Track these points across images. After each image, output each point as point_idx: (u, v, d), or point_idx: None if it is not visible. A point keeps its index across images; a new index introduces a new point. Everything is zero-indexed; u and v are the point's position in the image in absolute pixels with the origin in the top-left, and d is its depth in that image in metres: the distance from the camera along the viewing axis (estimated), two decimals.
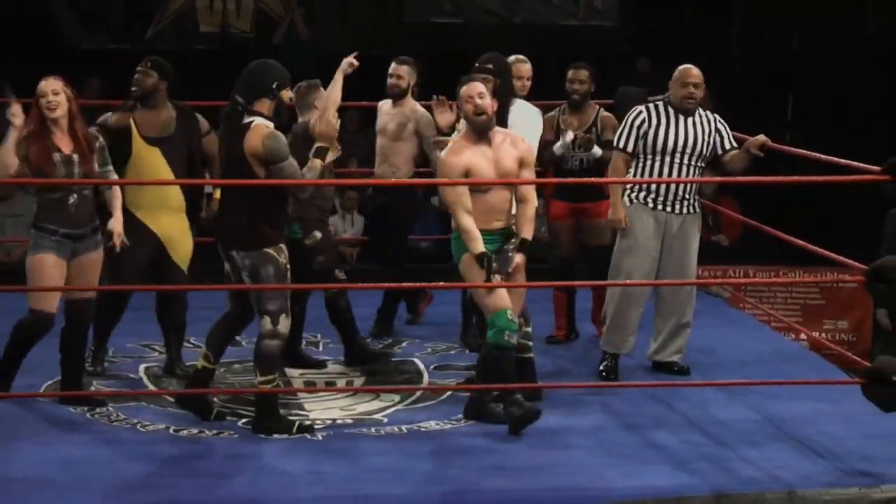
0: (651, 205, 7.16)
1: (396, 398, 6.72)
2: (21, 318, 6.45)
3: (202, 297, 7.16)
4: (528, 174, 6.36)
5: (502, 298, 6.22)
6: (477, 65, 6.77)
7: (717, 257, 11.27)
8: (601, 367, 7.20)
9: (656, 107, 7.16)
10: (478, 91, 6.28)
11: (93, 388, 6.77)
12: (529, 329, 6.59)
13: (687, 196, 7.17)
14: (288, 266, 6.15)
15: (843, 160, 6.21)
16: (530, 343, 6.60)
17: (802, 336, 9.70)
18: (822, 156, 6.37)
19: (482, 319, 6.42)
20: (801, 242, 6.94)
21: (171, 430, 6.25)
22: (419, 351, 7.54)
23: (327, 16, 12.97)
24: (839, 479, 5.73)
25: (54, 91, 6.32)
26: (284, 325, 6.16)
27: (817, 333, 10.66)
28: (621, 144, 7.15)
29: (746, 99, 13.10)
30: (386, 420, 6.44)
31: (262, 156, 6.00)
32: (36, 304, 6.38)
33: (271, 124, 6.09)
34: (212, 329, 6.37)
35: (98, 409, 6.46)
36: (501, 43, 13.00)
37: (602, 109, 7.78)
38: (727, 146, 7.14)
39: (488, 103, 6.29)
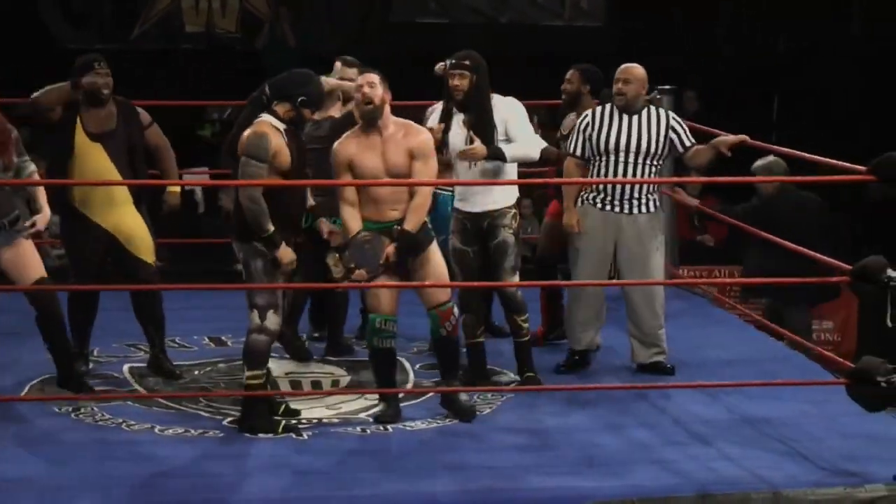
0: (599, 205, 7.19)
1: (401, 397, 6.71)
2: None
3: (192, 296, 7.16)
4: (422, 165, 6.27)
5: (376, 299, 6.34)
6: (453, 60, 6.74)
7: (702, 257, 11.29)
8: (560, 363, 7.27)
9: (603, 108, 7.22)
10: (368, 80, 6.28)
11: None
12: (524, 317, 6.88)
13: (637, 196, 7.16)
14: (279, 262, 6.13)
15: (828, 160, 6.22)
16: (525, 326, 6.89)
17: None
18: (808, 155, 6.38)
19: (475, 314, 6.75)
20: (785, 243, 6.95)
21: (156, 430, 6.24)
22: (405, 350, 7.54)
23: (313, 15, 12.96)
24: (824, 478, 5.73)
25: None
26: (272, 320, 6.15)
27: None
28: (570, 148, 7.23)
29: (731, 98, 13.12)
30: (372, 420, 6.43)
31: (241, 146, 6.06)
32: None
33: (280, 125, 6.12)
34: None
35: (83, 409, 6.45)
36: (488, 43, 13.12)
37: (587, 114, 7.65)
38: (687, 143, 7.16)
39: (378, 94, 6.26)
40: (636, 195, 7.16)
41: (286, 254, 6.11)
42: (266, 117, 6.15)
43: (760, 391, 6.80)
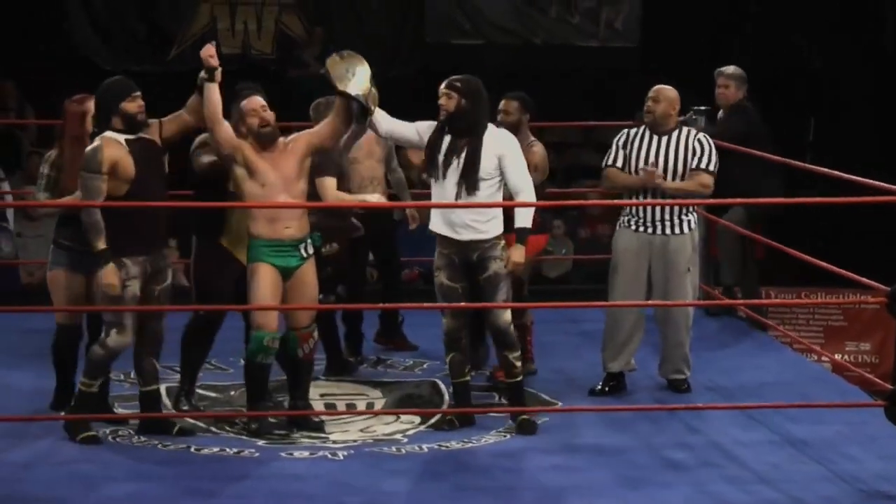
0: (633, 227, 7.19)
1: (417, 420, 6.71)
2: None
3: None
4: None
5: (263, 317, 6.41)
6: (447, 81, 6.56)
7: None
8: (595, 386, 7.24)
9: (637, 129, 7.22)
10: (260, 104, 6.43)
11: (118, 411, 6.76)
12: (517, 354, 6.55)
13: (669, 217, 7.14)
14: (129, 283, 6.15)
15: (865, 180, 6.19)
16: (518, 365, 6.57)
17: (824, 358, 9.66)
18: (845, 175, 6.35)
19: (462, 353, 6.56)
20: (823, 264, 6.92)
21: (191, 450, 6.25)
22: (440, 371, 7.52)
23: (347, 36, 13.00)
24: (862, 500, 5.71)
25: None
26: (114, 338, 6.20)
27: (839, 355, 10.62)
28: (610, 161, 7.20)
29: (767, 117, 13.07)
30: (406, 440, 6.43)
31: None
32: (58, 318, 6.69)
33: (120, 137, 6.19)
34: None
35: (120, 431, 6.46)
36: (522, 64, 13.13)
37: (533, 141, 7.36)
38: (692, 165, 7.10)
39: (272, 115, 6.42)
40: (667, 217, 7.14)
41: (107, 274, 6.12)
42: (106, 133, 6.23)
43: (798, 413, 6.76)
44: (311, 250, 6.46)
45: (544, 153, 7.36)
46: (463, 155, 6.42)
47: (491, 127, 6.55)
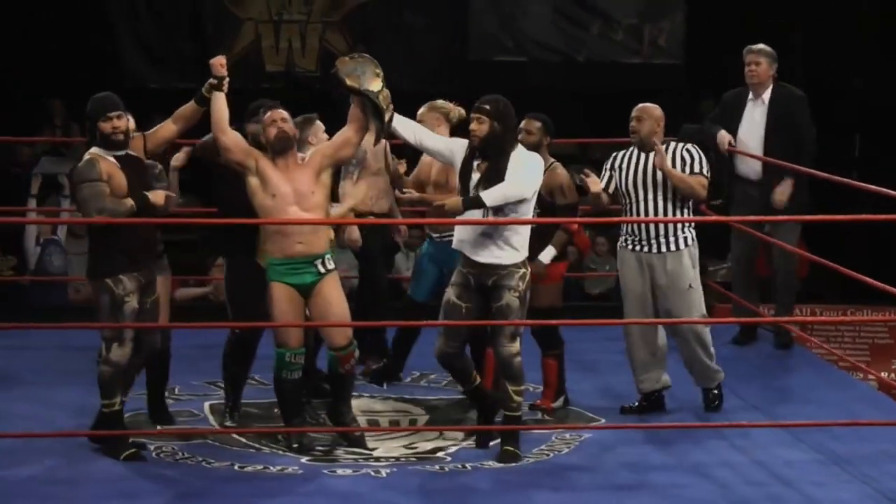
0: (631, 246, 7.17)
1: (460, 436, 6.71)
2: None
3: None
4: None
5: (285, 334, 6.44)
6: (476, 104, 6.49)
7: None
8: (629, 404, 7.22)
9: (626, 150, 7.18)
10: (281, 116, 6.45)
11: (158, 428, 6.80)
12: (519, 388, 6.43)
13: (664, 234, 7.08)
14: (128, 299, 6.16)
15: None
16: (518, 400, 6.44)
17: (870, 376, 9.60)
18: (892, 192, 6.32)
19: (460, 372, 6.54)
20: (869, 280, 6.87)
21: (235, 467, 6.27)
22: None
23: (391, 54, 13.03)
24: None
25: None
26: (116, 353, 6.20)
27: (886, 374, 10.54)
28: (603, 184, 7.17)
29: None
30: (450, 458, 6.43)
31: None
32: None
33: (107, 154, 6.21)
34: None
35: (164, 447, 6.49)
36: (565, 81, 13.12)
37: (554, 165, 7.20)
38: (687, 171, 7.04)
39: (291, 127, 6.45)
40: (662, 233, 7.08)
41: (156, 195, 6.23)
42: (93, 149, 6.25)
43: (843, 431, 6.72)
44: (329, 265, 6.44)
45: (567, 175, 7.29)
46: (487, 176, 6.35)
47: (520, 148, 6.48)
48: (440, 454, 6.49)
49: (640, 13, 13.36)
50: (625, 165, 7.14)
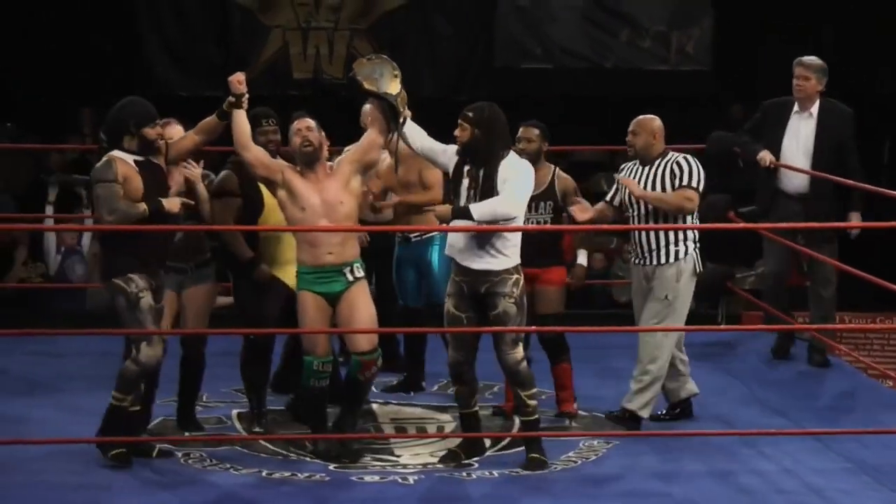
0: (634, 259, 7.11)
1: (487, 443, 6.70)
2: None
3: None
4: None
5: (312, 342, 6.43)
6: (463, 111, 6.43)
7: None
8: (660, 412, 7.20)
9: (631, 163, 7.12)
10: (306, 125, 6.44)
11: (186, 435, 6.82)
12: (530, 392, 6.40)
13: (655, 247, 6.97)
14: (142, 294, 6.17)
15: None
16: (532, 404, 6.40)
17: None
18: None
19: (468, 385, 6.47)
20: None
21: (263, 474, 6.28)
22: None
23: (417, 61, 13.05)
24: None
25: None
26: (145, 352, 6.20)
27: None
28: (607, 197, 7.17)
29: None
30: (476, 464, 6.42)
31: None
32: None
33: (128, 157, 6.20)
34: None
35: (192, 454, 6.51)
36: (592, 88, 13.11)
37: (558, 169, 7.25)
38: (675, 186, 6.92)
39: (316, 136, 6.42)
40: (654, 246, 6.98)
41: (171, 202, 6.21)
42: (114, 152, 6.24)
43: (871, 439, 6.69)
44: (358, 273, 6.43)
45: (571, 182, 7.23)
46: (479, 184, 6.33)
47: (511, 155, 6.41)
48: (467, 461, 6.48)
49: (668, 20, 13.35)
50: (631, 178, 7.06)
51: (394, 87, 6.38)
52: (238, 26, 13.02)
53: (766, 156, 8.25)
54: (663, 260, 6.98)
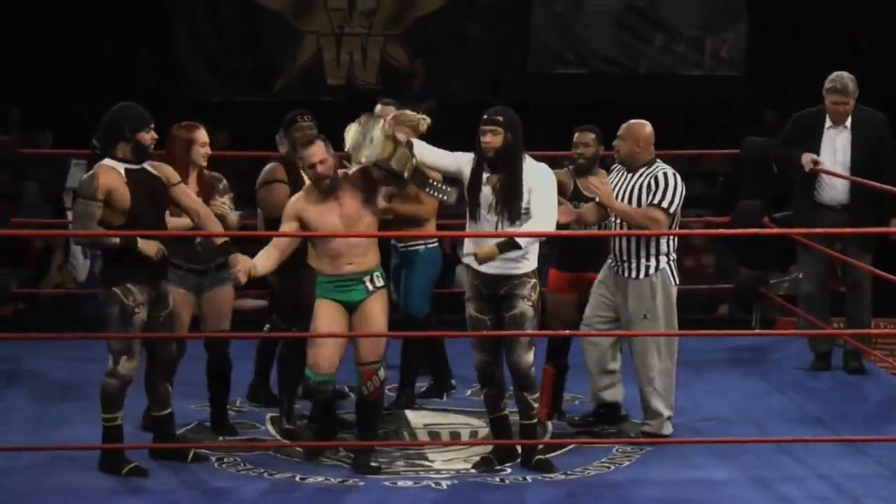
0: (613, 268, 6.88)
1: (520, 449, 6.69)
2: None
3: None
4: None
5: (314, 357, 6.38)
6: (485, 116, 6.39)
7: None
8: None
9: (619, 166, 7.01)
10: (319, 159, 6.28)
11: (220, 440, 6.83)
12: (537, 396, 6.45)
13: (626, 258, 6.79)
14: (138, 310, 6.15)
15: None
16: (536, 407, 6.44)
17: None
18: None
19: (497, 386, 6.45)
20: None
21: (297, 479, 6.28)
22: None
23: (450, 66, 13.08)
24: None
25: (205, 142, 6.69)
26: (125, 366, 6.17)
27: None
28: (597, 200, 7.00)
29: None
30: (509, 469, 6.41)
31: None
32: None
33: (118, 166, 6.14)
34: None
35: (226, 459, 6.52)
36: (626, 93, 13.09)
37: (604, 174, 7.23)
38: (646, 202, 6.72)
39: (330, 165, 6.28)
40: (625, 257, 6.80)
41: (147, 244, 6.10)
42: (103, 161, 6.19)
43: None
44: (378, 283, 6.39)
45: None
46: (502, 188, 6.29)
47: (529, 160, 6.38)
48: (499, 466, 6.48)
49: (703, 24, 13.34)
50: (613, 183, 6.92)
51: (386, 148, 6.21)
52: (271, 32, 13.08)
53: (808, 158, 8.11)
54: (634, 274, 6.79)
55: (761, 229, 8.66)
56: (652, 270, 6.80)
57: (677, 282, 6.89)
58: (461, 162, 6.42)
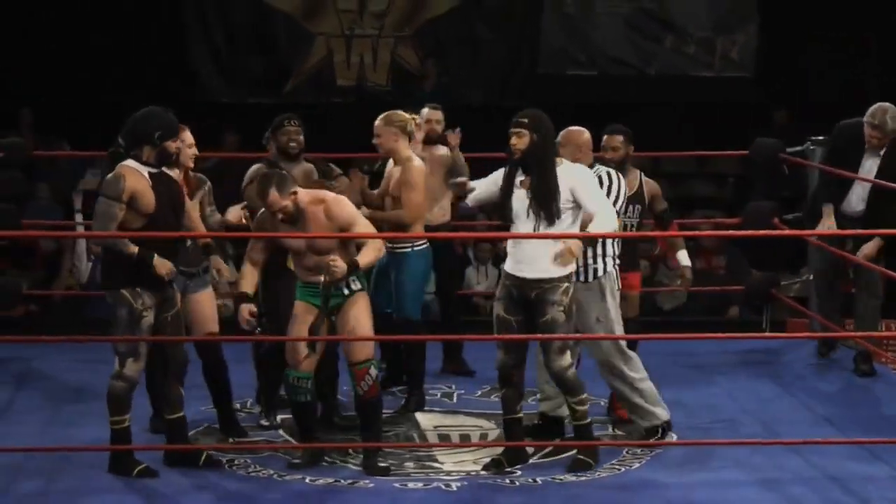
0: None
1: (531, 451, 6.69)
2: None
3: None
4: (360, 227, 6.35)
5: (294, 355, 6.40)
6: (514, 119, 6.38)
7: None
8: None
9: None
10: (280, 207, 6.26)
11: (231, 441, 6.84)
12: (578, 398, 6.39)
13: (582, 263, 6.67)
14: (146, 314, 6.16)
15: None
16: (580, 409, 6.40)
17: None
18: None
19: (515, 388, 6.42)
20: None
21: (307, 480, 6.29)
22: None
23: (461, 67, 13.08)
24: None
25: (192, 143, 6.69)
26: (131, 367, 6.18)
27: None
28: None
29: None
30: (520, 471, 6.41)
31: None
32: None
33: (143, 169, 6.15)
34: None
35: (236, 460, 6.52)
36: (636, 94, 13.09)
37: (643, 175, 7.28)
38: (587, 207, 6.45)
39: (289, 204, 6.26)
40: (586, 261, 6.72)
41: (162, 264, 6.12)
42: (127, 162, 6.18)
43: None
44: (355, 286, 6.37)
45: (658, 187, 7.32)
46: (535, 189, 6.27)
47: (564, 162, 6.38)
48: (510, 468, 6.47)
49: (713, 25, 13.33)
50: (604, 184, 6.82)
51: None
52: (282, 34, 13.09)
53: (826, 219, 8.12)
54: (582, 278, 6.72)
55: (772, 230, 8.65)
56: (600, 273, 6.77)
57: (619, 287, 6.86)
58: (497, 179, 6.46)
